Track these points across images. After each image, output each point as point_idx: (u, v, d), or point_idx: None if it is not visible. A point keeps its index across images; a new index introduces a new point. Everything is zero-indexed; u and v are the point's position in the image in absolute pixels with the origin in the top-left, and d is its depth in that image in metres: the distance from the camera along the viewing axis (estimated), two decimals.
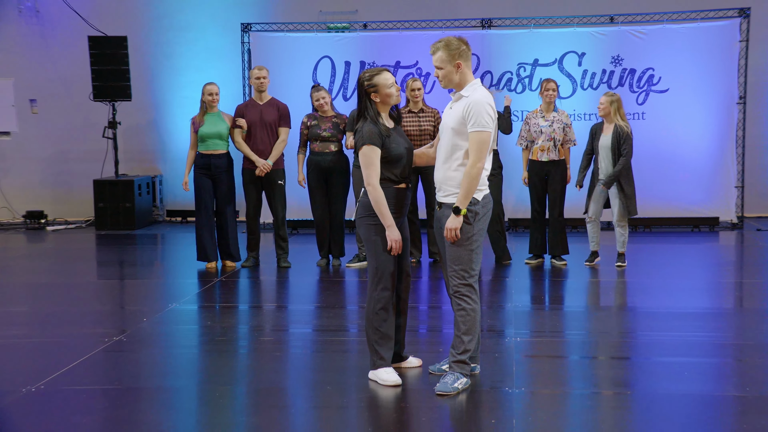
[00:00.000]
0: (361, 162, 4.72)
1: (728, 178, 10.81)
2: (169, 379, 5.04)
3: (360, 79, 4.80)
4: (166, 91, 12.24)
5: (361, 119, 4.79)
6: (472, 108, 4.51)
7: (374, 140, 4.66)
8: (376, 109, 4.76)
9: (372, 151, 4.66)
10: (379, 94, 4.74)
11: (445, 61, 4.61)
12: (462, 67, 4.62)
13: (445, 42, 4.62)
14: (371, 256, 4.75)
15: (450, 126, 4.62)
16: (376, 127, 4.70)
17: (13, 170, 12.56)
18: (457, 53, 4.60)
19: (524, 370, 5.04)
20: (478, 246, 4.62)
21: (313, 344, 5.84)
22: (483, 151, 4.51)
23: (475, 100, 4.54)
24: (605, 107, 7.98)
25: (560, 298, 7.36)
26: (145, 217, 11.81)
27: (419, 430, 4.19)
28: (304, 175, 8.38)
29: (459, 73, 4.62)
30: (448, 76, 4.64)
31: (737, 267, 8.84)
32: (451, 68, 4.61)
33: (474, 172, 4.50)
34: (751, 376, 4.88)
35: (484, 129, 4.50)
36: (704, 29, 10.65)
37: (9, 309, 6.92)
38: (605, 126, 8.04)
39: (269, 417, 4.35)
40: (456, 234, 4.54)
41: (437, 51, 4.63)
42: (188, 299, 7.16)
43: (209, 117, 8.27)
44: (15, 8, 12.30)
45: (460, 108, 4.58)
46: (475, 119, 4.50)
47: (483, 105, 4.52)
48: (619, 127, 7.93)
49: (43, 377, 4.92)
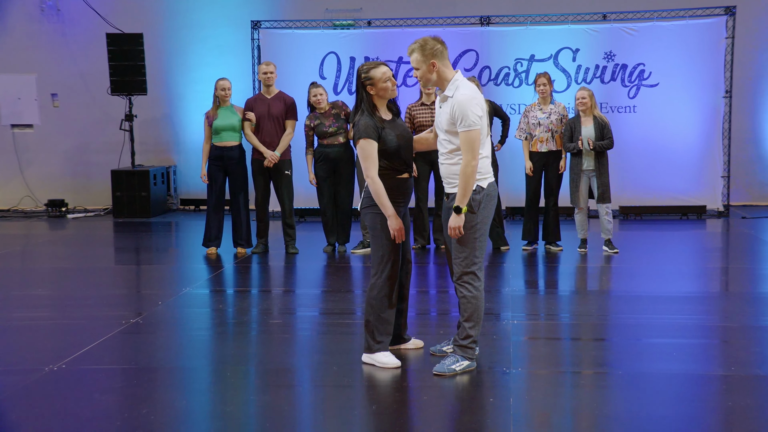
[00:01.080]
0: (359, 155, 4.67)
1: (715, 168, 10.79)
2: (182, 360, 5.04)
3: (358, 72, 4.73)
4: (180, 85, 12.22)
5: (358, 112, 4.72)
6: (457, 109, 4.43)
7: (370, 133, 4.59)
8: (372, 101, 4.69)
9: (369, 144, 4.59)
10: (375, 87, 4.66)
11: (420, 62, 4.54)
12: (437, 66, 4.53)
13: (420, 43, 4.54)
14: (375, 245, 4.70)
15: (443, 128, 4.56)
16: (372, 119, 4.63)
17: (36, 161, 12.57)
18: (431, 53, 4.51)
19: (521, 352, 5.03)
20: (482, 234, 4.57)
21: (320, 327, 5.83)
22: (475, 149, 4.43)
23: (458, 101, 4.44)
24: (587, 101, 7.97)
25: (555, 282, 7.35)
26: (160, 205, 11.80)
27: (421, 409, 4.19)
28: (313, 173, 8.34)
29: (435, 72, 4.55)
30: (424, 76, 4.58)
31: (723, 253, 8.82)
32: (425, 68, 4.54)
33: (469, 171, 4.43)
34: (735, 357, 4.87)
35: (472, 128, 4.42)
36: (692, 26, 10.62)
37: (32, 292, 6.93)
38: (583, 119, 8.02)
39: (278, 395, 4.35)
40: (459, 231, 4.49)
41: (413, 53, 4.56)
42: (201, 284, 7.16)
43: (222, 110, 8.25)
44: (37, 7, 12.28)
45: (448, 109, 4.51)
46: (463, 119, 4.42)
47: (468, 104, 4.42)
48: (599, 118, 7.96)
49: (65, 357, 4.93)
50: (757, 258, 8.47)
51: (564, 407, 4.20)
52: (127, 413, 4.07)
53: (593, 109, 8.02)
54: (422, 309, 6.27)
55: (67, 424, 3.97)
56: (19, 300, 6.63)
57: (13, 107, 12.49)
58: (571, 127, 8.06)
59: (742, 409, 4.03)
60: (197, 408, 4.24)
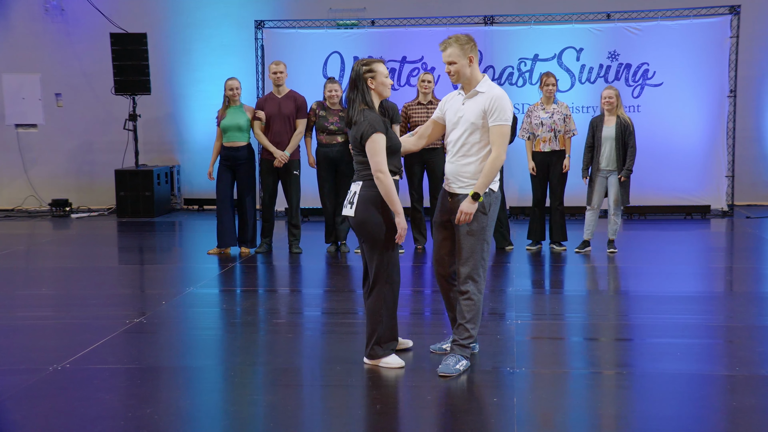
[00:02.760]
0: (369, 150, 4.48)
1: (719, 167, 10.76)
2: (186, 359, 5.04)
3: (356, 66, 4.58)
4: (184, 85, 12.22)
5: (357, 109, 4.54)
6: (496, 102, 4.46)
7: (382, 127, 4.49)
8: (372, 97, 4.58)
9: (381, 138, 4.47)
10: (376, 81, 4.56)
11: (458, 56, 4.53)
12: (473, 61, 4.56)
13: (455, 38, 4.55)
14: (377, 253, 4.55)
15: (470, 121, 4.52)
16: (378, 115, 4.55)
17: (40, 161, 12.58)
18: (469, 47, 4.55)
19: (525, 351, 5.03)
20: (489, 236, 4.59)
21: (323, 326, 5.83)
22: (505, 144, 4.50)
23: (497, 95, 4.50)
24: (613, 100, 7.94)
25: (559, 282, 7.34)
26: (163, 205, 11.81)
27: (424, 408, 4.19)
28: (313, 157, 8.34)
29: (471, 68, 4.57)
30: (461, 70, 4.55)
31: (727, 253, 8.81)
32: (465, 62, 4.54)
33: (498, 163, 4.46)
34: (740, 357, 4.85)
35: (506, 123, 4.48)
36: (697, 26, 10.60)
37: (37, 292, 6.94)
38: (606, 118, 8.00)
39: (283, 395, 4.35)
40: (468, 218, 4.47)
41: (448, 47, 4.54)
42: (205, 283, 7.17)
43: (231, 110, 8.27)
44: (41, 7, 12.29)
45: (481, 102, 4.50)
46: (499, 113, 4.45)
47: (506, 100, 4.51)
48: (624, 119, 7.93)
49: (69, 356, 4.94)
50: (761, 257, 8.45)
51: (568, 407, 4.20)
52: (130, 413, 4.07)
53: (618, 108, 7.99)
54: (423, 309, 6.27)
55: (70, 423, 3.97)
56: (23, 299, 6.64)
57: (17, 107, 12.50)
58: (593, 126, 8.05)
59: (746, 409, 4.02)
60: (201, 407, 4.24)
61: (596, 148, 8.04)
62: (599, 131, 7.99)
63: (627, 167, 7.93)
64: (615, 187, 7.97)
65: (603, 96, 8.01)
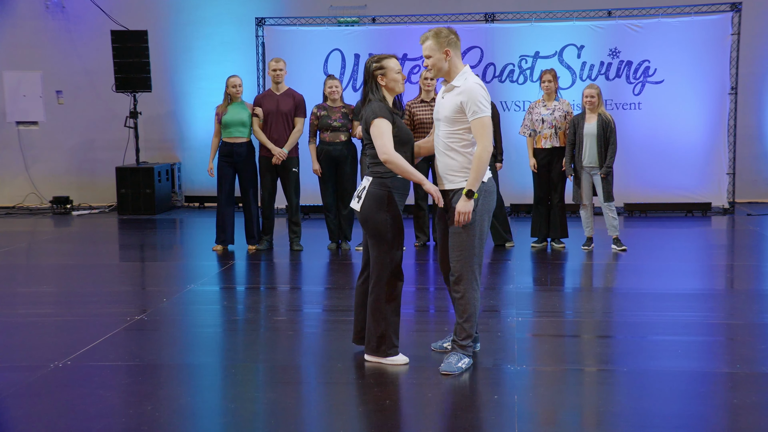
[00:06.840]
0: (373, 134, 4.48)
1: (720, 165, 10.75)
2: (187, 356, 5.04)
3: (367, 63, 4.65)
4: (185, 82, 12.22)
5: (365, 104, 4.60)
6: (469, 96, 4.40)
7: (385, 114, 4.48)
8: (382, 93, 4.60)
9: (384, 122, 4.46)
10: (387, 78, 4.59)
11: (434, 50, 4.51)
12: (451, 55, 4.51)
13: (435, 31, 4.52)
14: (382, 250, 4.54)
15: (444, 115, 4.50)
16: (384, 104, 4.55)
17: (41, 158, 12.59)
18: (446, 41, 4.50)
19: (526, 349, 5.02)
20: (481, 231, 4.50)
21: (324, 323, 5.83)
22: (489, 135, 4.41)
23: (467, 87, 4.42)
24: (594, 99, 7.95)
25: (560, 279, 7.33)
26: (164, 202, 11.81)
27: (426, 406, 4.18)
28: (318, 164, 8.33)
29: (448, 61, 4.52)
30: (437, 64, 4.53)
31: (728, 250, 8.79)
32: (440, 56, 4.51)
33: (485, 156, 4.39)
34: (741, 354, 4.85)
35: (483, 114, 4.40)
36: (698, 23, 10.59)
37: (38, 289, 6.93)
38: (588, 116, 8.00)
39: (284, 392, 4.35)
40: (467, 217, 4.41)
41: (426, 40, 4.53)
42: (206, 280, 7.16)
43: (232, 106, 8.27)
44: (42, 4, 12.29)
45: (455, 97, 4.46)
46: (475, 106, 4.39)
47: (476, 91, 4.41)
48: (605, 117, 7.93)
49: (70, 353, 4.94)
50: (762, 255, 8.45)
51: (569, 404, 4.19)
52: (131, 410, 4.07)
53: (599, 107, 8.00)
54: (427, 306, 6.26)
55: (71, 420, 3.97)
56: (24, 297, 6.64)
57: (19, 104, 12.51)
58: (574, 124, 8.04)
59: (747, 406, 4.02)
60: (202, 405, 4.23)
61: (578, 145, 8.03)
62: (581, 128, 7.99)
63: (607, 164, 7.92)
64: (600, 184, 7.99)
65: (585, 94, 8.02)
